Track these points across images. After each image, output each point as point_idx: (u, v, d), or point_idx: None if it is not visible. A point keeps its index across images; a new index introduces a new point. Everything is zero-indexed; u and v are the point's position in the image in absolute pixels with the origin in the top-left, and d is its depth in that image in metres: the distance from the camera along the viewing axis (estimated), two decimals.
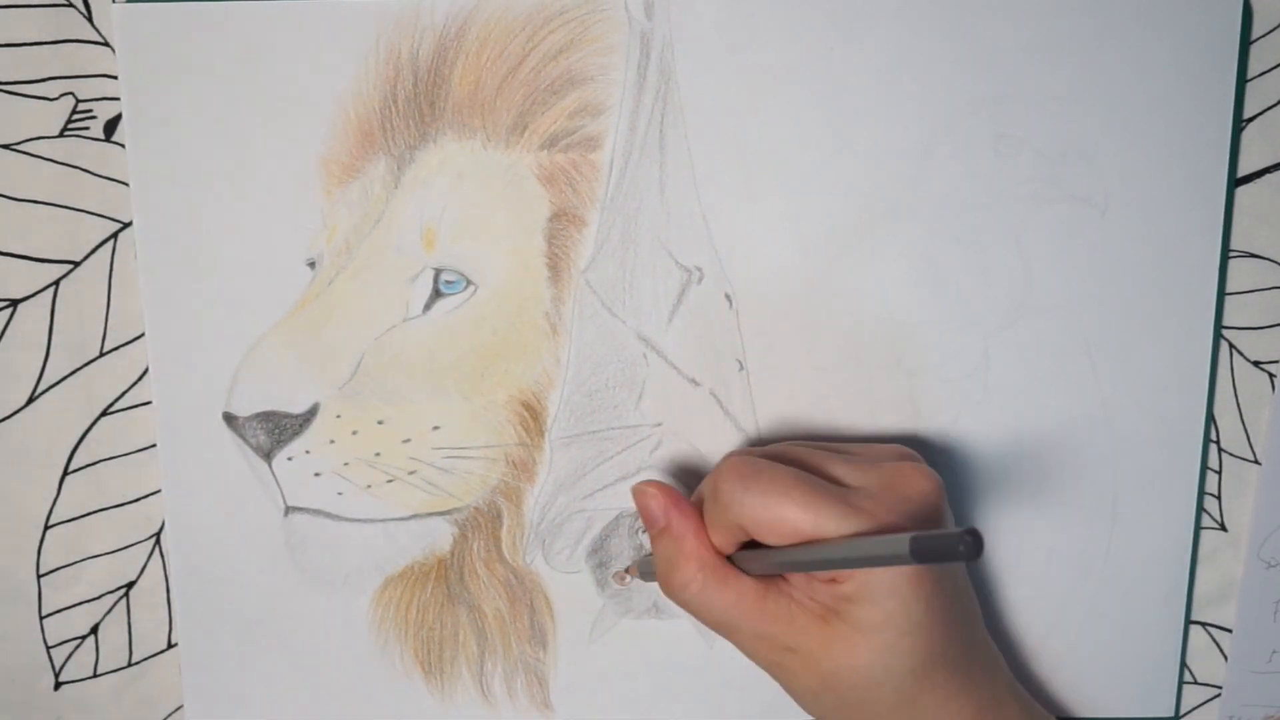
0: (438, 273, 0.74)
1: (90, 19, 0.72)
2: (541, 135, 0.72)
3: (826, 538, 0.61)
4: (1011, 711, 0.70)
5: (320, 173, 0.73)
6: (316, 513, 0.77)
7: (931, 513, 0.65)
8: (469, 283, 0.74)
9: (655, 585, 0.76)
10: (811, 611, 0.64)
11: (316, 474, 0.76)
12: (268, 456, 0.76)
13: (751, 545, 0.66)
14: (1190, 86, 0.72)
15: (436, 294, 0.74)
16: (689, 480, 0.77)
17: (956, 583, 0.68)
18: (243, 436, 0.76)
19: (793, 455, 0.68)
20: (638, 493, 0.69)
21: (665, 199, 0.73)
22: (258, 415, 0.75)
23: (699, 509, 0.68)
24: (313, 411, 0.75)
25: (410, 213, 0.73)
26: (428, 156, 0.73)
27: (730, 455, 0.67)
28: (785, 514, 0.62)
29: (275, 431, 0.75)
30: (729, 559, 0.67)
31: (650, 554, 0.72)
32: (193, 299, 0.74)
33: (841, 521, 0.61)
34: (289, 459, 0.76)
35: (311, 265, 0.74)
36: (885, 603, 0.62)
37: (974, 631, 0.70)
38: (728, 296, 0.74)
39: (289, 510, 0.77)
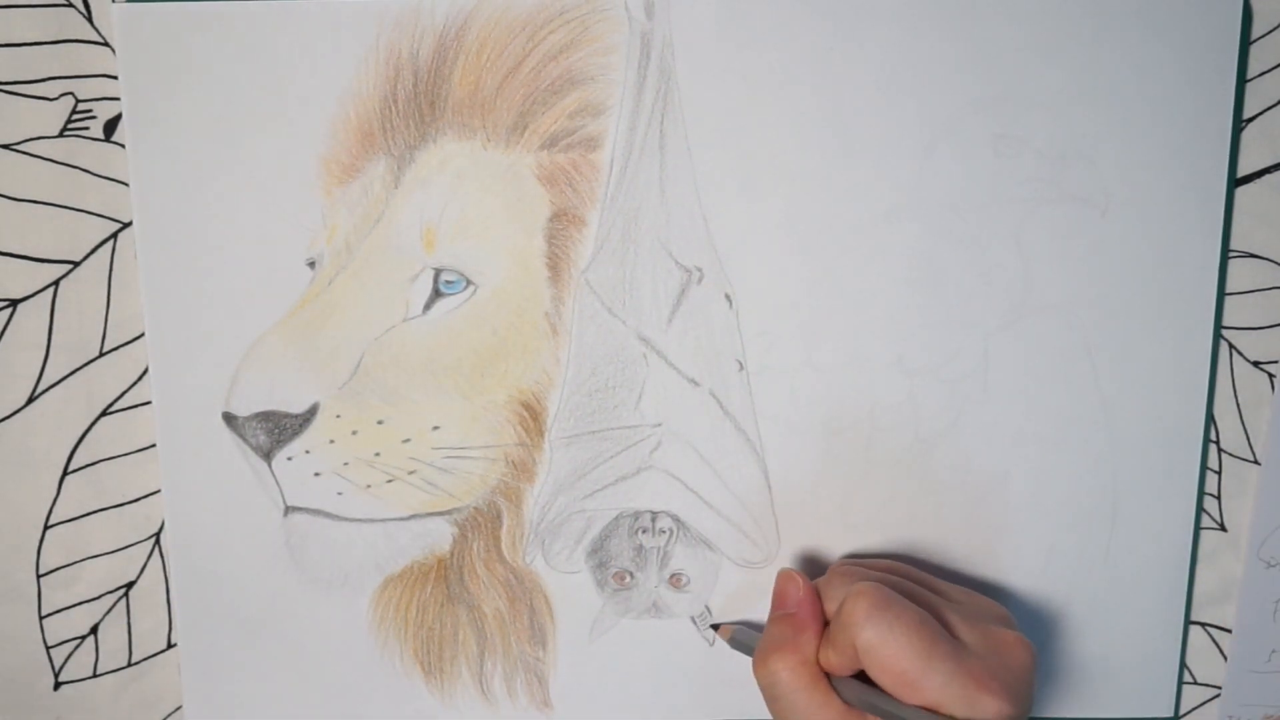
0: (438, 273, 0.74)
1: (90, 19, 0.72)
2: (541, 135, 0.72)
3: (924, 687, 0.62)
4: None
5: (320, 172, 0.73)
6: (316, 512, 0.77)
7: (1027, 685, 0.66)
8: (469, 283, 0.74)
9: (652, 585, 0.77)
10: None
11: (316, 474, 0.76)
12: (267, 456, 0.76)
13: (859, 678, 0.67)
14: (1190, 87, 0.73)
15: (436, 294, 0.74)
16: (695, 482, 0.77)
17: None
18: (242, 436, 0.76)
19: (910, 593, 0.69)
20: (784, 575, 0.71)
21: (665, 199, 0.73)
22: (257, 415, 0.75)
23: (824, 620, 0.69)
24: (312, 411, 0.75)
25: (410, 213, 0.73)
26: (428, 156, 0.73)
27: (863, 581, 0.67)
28: (900, 653, 0.63)
29: (275, 431, 0.75)
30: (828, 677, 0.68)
31: (748, 623, 0.73)
32: (193, 299, 0.74)
33: (949, 679, 0.62)
34: (289, 459, 0.76)
35: (311, 265, 0.74)
36: None
37: None
38: (728, 296, 0.74)
39: (289, 510, 0.77)
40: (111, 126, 0.74)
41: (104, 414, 0.77)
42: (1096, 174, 0.73)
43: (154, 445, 0.77)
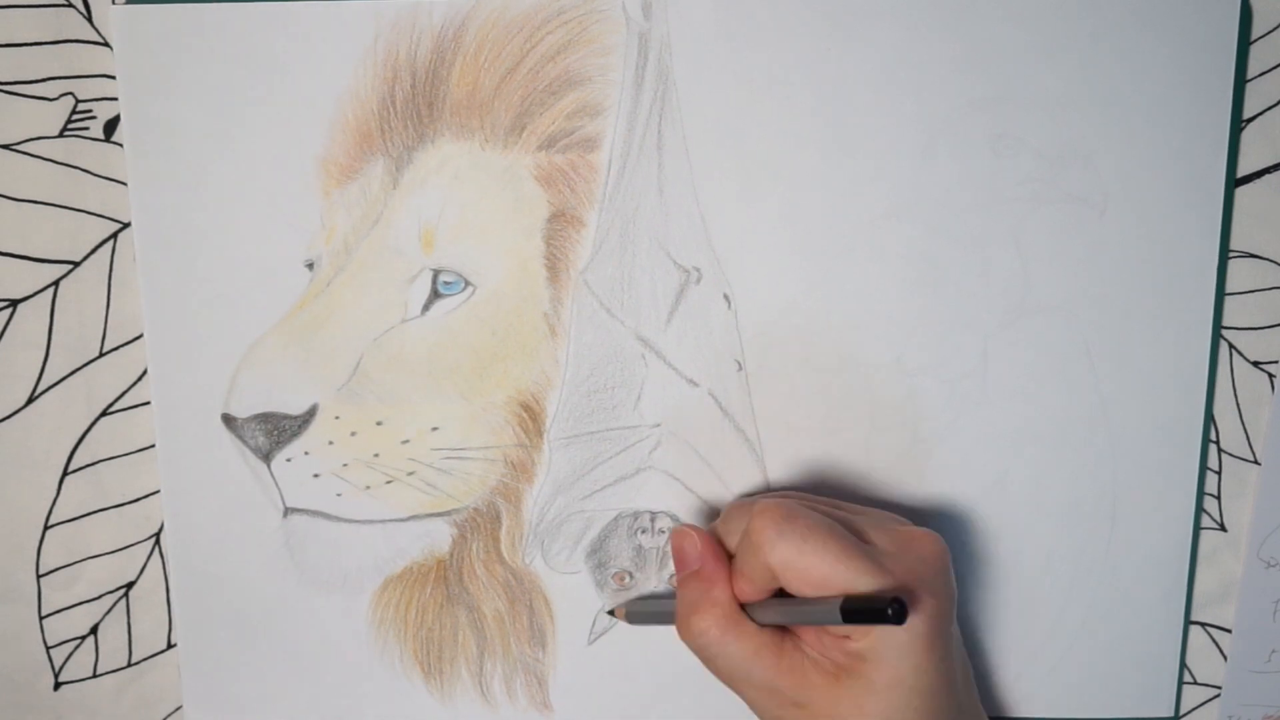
0: (436, 273, 0.74)
1: (90, 19, 0.72)
2: (539, 136, 0.72)
3: (845, 589, 0.62)
4: None
5: (319, 174, 0.73)
6: (315, 514, 0.77)
7: (942, 573, 0.66)
8: (467, 283, 0.74)
9: (652, 585, 0.77)
10: (823, 668, 0.65)
11: (315, 475, 0.76)
12: (266, 458, 0.76)
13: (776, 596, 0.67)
14: (1189, 86, 0.72)
15: (435, 295, 0.74)
16: (694, 483, 0.77)
17: (959, 648, 0.71)
18: (241, 438, 0.76)
19: (818, 508, 0.69)
20: (678, 533, 0.70)
21: (663, 199, 0.73)
22: (256, 416, 0.75)
23: (729, 559, 0.69)
24: (311, 413, 0.75)
25: (408, 214, 0.73)
26: (426, 157, 0.73)
27: (766, 499, 0.68)
28: (818, 562, 0.63)
29: (274, 433, 0.75)
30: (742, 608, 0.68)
31: (640, 596, 0.74)
32: (191, 300, 0.75)
33: (870, 578, 0.62)
34: (288, 460, 0.76)
35: (310, 266, 0.74)
36: (898, 663, 0.63)
37: (971, 696, 0.71)
38: (726, 297, 0.74)
39: (288, 511, 0.77)
40: (111, 126, 0.74)
41: (104, 414, 0.77)
42: (1095, 174, 0.73)
43: (154, 445, 0.77)
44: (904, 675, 0.63)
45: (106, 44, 0.72)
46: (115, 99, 0.73)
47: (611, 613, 0.79)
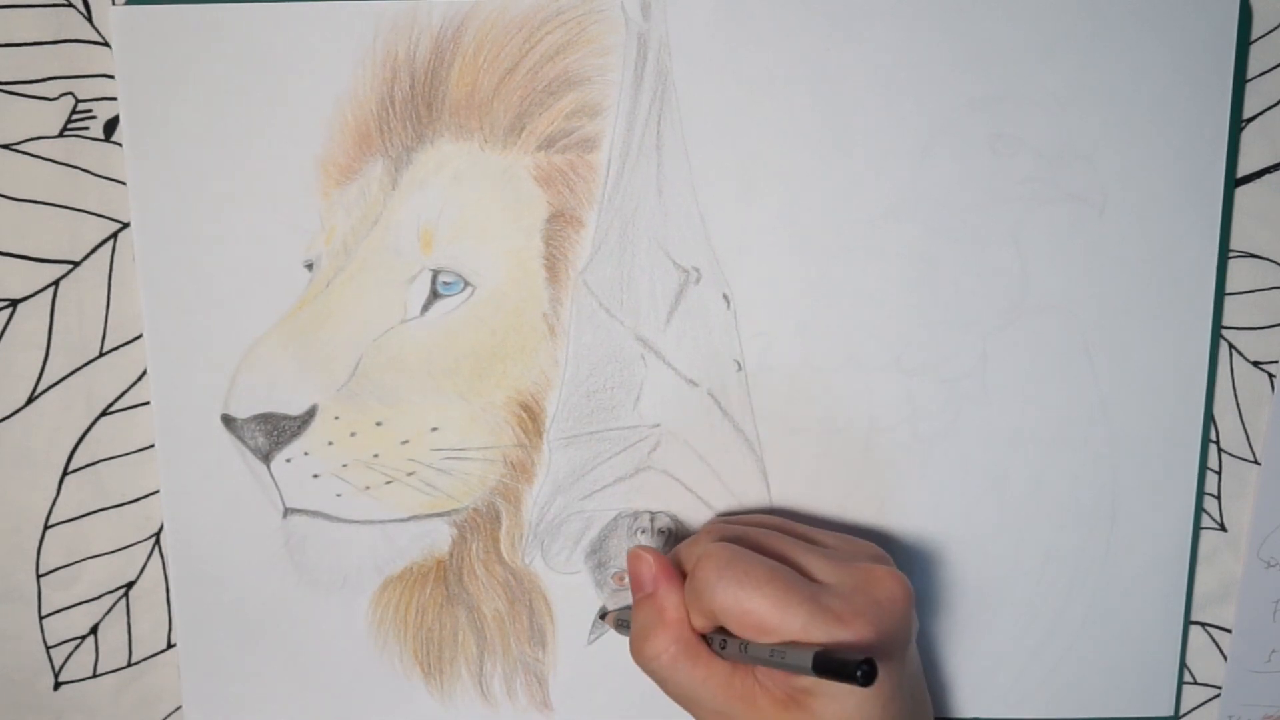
0: (435, 274, 0.74)
1: (90, 19, 0.72)
2: (539, 136, 0.72)
3: (785, 632, 0.63)
4: None
5: (318, 174, 0.73)
6: (315, 514, 0.77)
7: (899, 618, 0.66)
8: (467, 284, 0.74)
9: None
10: (774, 695, 0.65)
11: (315, 475, 0.76)
12: (266, 458, 0.76)
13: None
14: (1188, 85, 0.72)
15: (434, 295, 0.74)
16: (694, 483, 0.77)
17: (915, 682, 0.70)
18: (241, 438, 0.76)
19: (770, 546, 0.69)
20: (633, 556, 0.70)
21: (663, 199, 0.73)
22: (256, 417, 0.75)
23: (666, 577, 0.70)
24: (311, 413, 0.75)
25: (408, 214, 0.73)
26: (425, 158, 0.73)
27: (712, 543, 0.68)
28: (755, 608, 0.63)
29: (273, 433, 0.75)
30: (702, 637, 0.68)
31: (629, 607, 0.73)
32: (191, 301, 0.75)
33: (808, 621, 0.62)
34: (287, 461, 0.76)
35: (309, 267, 0.74)
36: (844, 700, 0.64)
37: None
38: (725, 297, 0.74)
39: (288, 512, 0.77)
40: (111, 126, 0.74)
41: (104, 414, 0.77)
42: (1094, 173, 0.73)
43: (154, 445, 0.77)
44: (850, 713, 0.64)
45: (106, 44, 0.72)
46: (115, 99, 0.73)
47: (603, 616, 0.79)
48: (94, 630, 0.80)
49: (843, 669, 0.58)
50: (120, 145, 0.74)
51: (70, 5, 0.72)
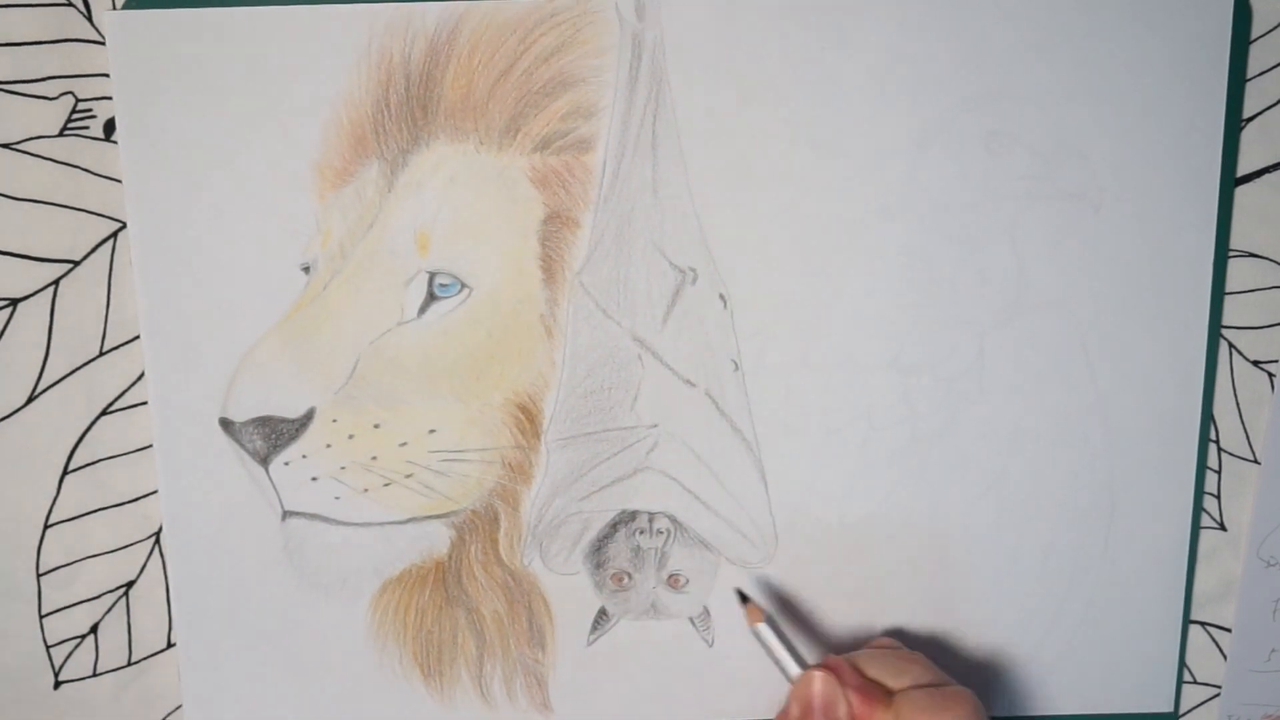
0: (432, 276, 0.74)
1: (90, 18, 0.72)
2: (534, 138, 0.72)
3: None
4: None
5: (314, 177, 0.73)
6: (314, 517, 0.77)
7: None
8: (463, 285, 0.74)
9: (650, 586, 0.78)
10: None
11: (313, 478, 0.76)
12: (264, 462, 0.76)
13: None
14: (1183, 83, 0.72)
15: (431, 297, 0.74)
16: (692, 483, 0.77)
17: None
18: (239, 442, 0.76)
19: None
20: (810, 677, 0.71)
21: (658, 200, 0.73)
22: (254, 420, 0.75)
23: (865, 693, 0.70)
24: (309, 416, 0.75)
25: (404, 216, 0.73)
26: (421, 160, 0.73)
27: (963, 689, 0.69)
28: None
29: (272, 436, 0.75)
30: None
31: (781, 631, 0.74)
32: (188, 305, 0.75)
33: None
34: (286, 464, 0.76)
35: (306, 270, 0.74)
36: None
37: None
38: (722, 297, 0.74)
39: (286, 514, 0.77)
40: (111, 126, 0.74)
41: (104, 414, 0.77)
42: (1090, 170, 0.73)
43: (153, 446, 0.78)
44: None
45: (106, 43, 0.72)
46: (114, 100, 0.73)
47: (745, 599, 0.78)
48: (94, 630, 0.80)
49: None
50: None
51: (70, 5, 0.72)
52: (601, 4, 0.71)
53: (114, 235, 0.75)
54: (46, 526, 0.78)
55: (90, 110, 0.73)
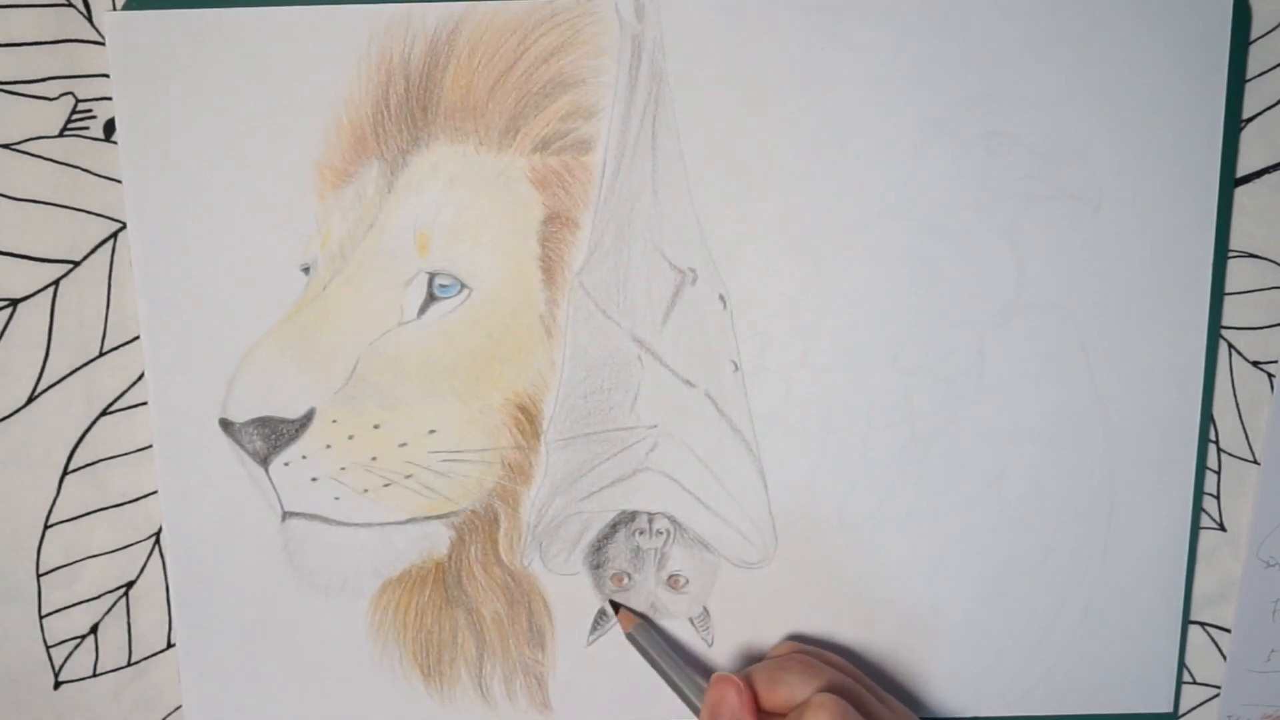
0: (432, 276, 0.74)
1: (90, 19, 0.72)
2: (534, 138, 0.72)
3: None
4: None
5: (313, 178, 0.73)
6: (314, 517, 0.77)
7: None
8: (463, 286, 0.74)
9: (650, 586, 0.78)
10: None
11: (313, 479, 0.76)
12: (264, 462, 0.76)
13: None
14: (1182, 82, 0.72)
15: (431, 298, 0.74)
16: (691, 483, 0.77)
17: None
18: (239, 442, 0.76)
19: (868, 710, 0.70)
20: (720, 682, 0.71)
21: (658, 200, 0.73)
22: (254, 421, 0.75)
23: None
24: (309, 416, 0.75)
25: (404, 217, 0.73)
26: (420, 161, 0.73)
27: (827, 693, 0.68)
28: None
29: (271, 437, 0.75)
30: None
31: (656, 626, 0.76)
32: (188, 305, 0.75)
33: None
34: (285, 464, 0.76)
35: (306, 270, 0.74)
36: None
37: None
38: (721, 297, 0.74)
39: (286, 515, 0.77)
40: (111, 126, 0.74)
41: (104, 414, 0.77)
42: (1089, 170, 0.73)
43: (153, 446, 0.78)
44: None
45: (106, 44, 0.72)
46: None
47: (616, 608, 0.79)
48: (94, 630, 0.80)
49: None
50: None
51: (70, 5, 0.72)
52: (601, 5, 0.71)
53: (114, 235, 0.75)
54: (46, 526, 0.78)
55: (90, 111, 0.73)
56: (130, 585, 0.80)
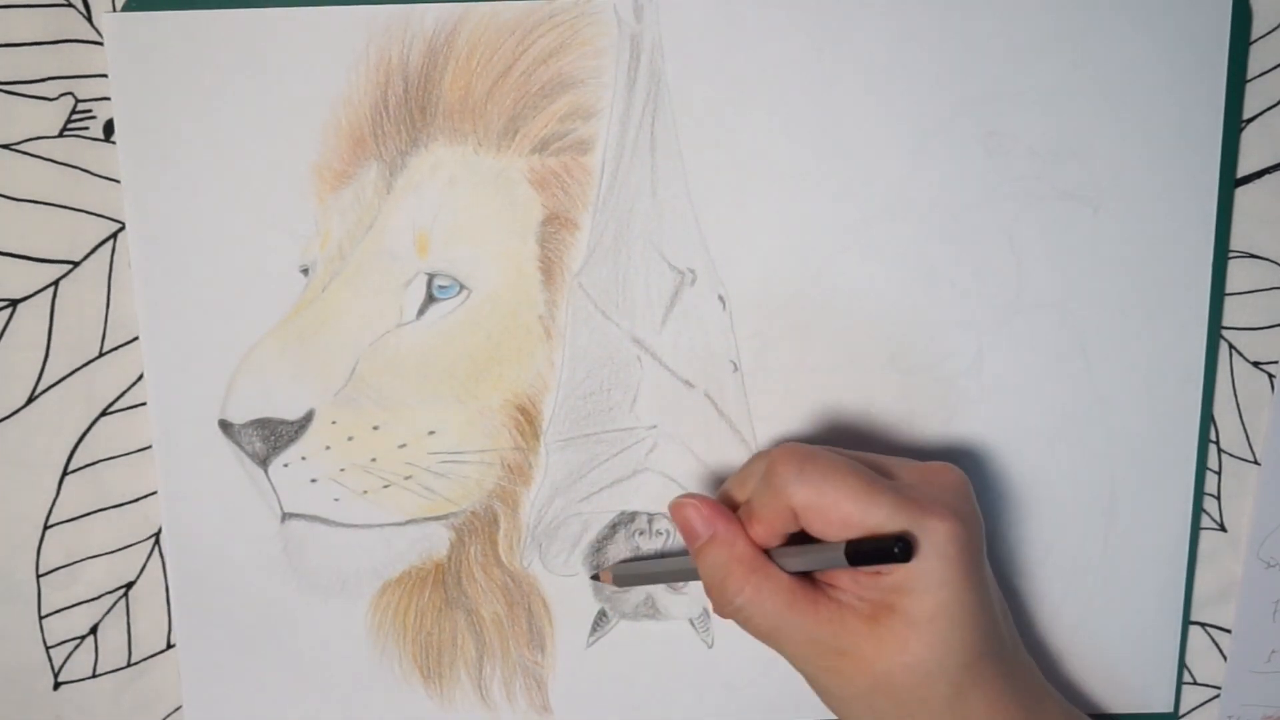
0: (431, 278, 0.74)
1: (90, 19, 0.72)
2: (533, 139, 0.72)
3: (870, 526, 0.62)
4: (1053, 708, 0.70)
5: (312, 179, 0.73)
6: (313, 519, 0.77)
7: (966, 500, 0.67)
8: (462, 287, 0.74)
9: (651, 586, 0.77)
10: (861, 612, 0.64)
11: (313, 480, 0.76)
12: (264, 463, 0.76)
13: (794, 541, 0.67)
14: (1182, 82, 0.72)
15: (430, 299, 0.74)
16: (691, 484, 0.77)
17: (993, 580, 0.70)
18: (239, 444, 0.76)
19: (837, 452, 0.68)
20: (677, 505, 0.70)
21: (657, 201, 0.73)
22: (253, 422, 0.75)
23: (718, 508, 0.69)
24: (308, 418, 0.75)
25: (403, 218, 0.73)
26: (419, 162, 0.72)
27: (784, 445, 0.66)
28: (838, 500, 0.62)
29: (271, 438, 0.75)
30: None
31: (625, 560, 0.75)
32: (187, 306, 0.75)
33: (892, 511, 0.62)
34: (285, 465, 0.76)
35: (305, 272, 0.74)
36: (937, 592, 0.62)
37: (1011, 628, 0.70)
38: (721, 298, 0.74)
39: (286, 516, 0.77)
40: (111, 127, 0.73)
41: (104, 414, 0.77)
42: (1089, 171, 0.73)
43: (153, 447, 0.78)
44: (944, 604, 0.62)
45: (105, 44, 0.72)
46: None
47: (596, 577, 0.79)
48: (94, 630, 0.80)
49: (878, 550, 0.60)
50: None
51: (70, 5, 0.72)
52: (599, 5, 0.71)
53: (113, 236, 0.75)
54: (46, 527, 0.78)
55: (90, 111, 0.73)
56: (130, 586, 0.80)
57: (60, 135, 0.73)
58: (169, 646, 0.81)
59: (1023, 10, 0.71)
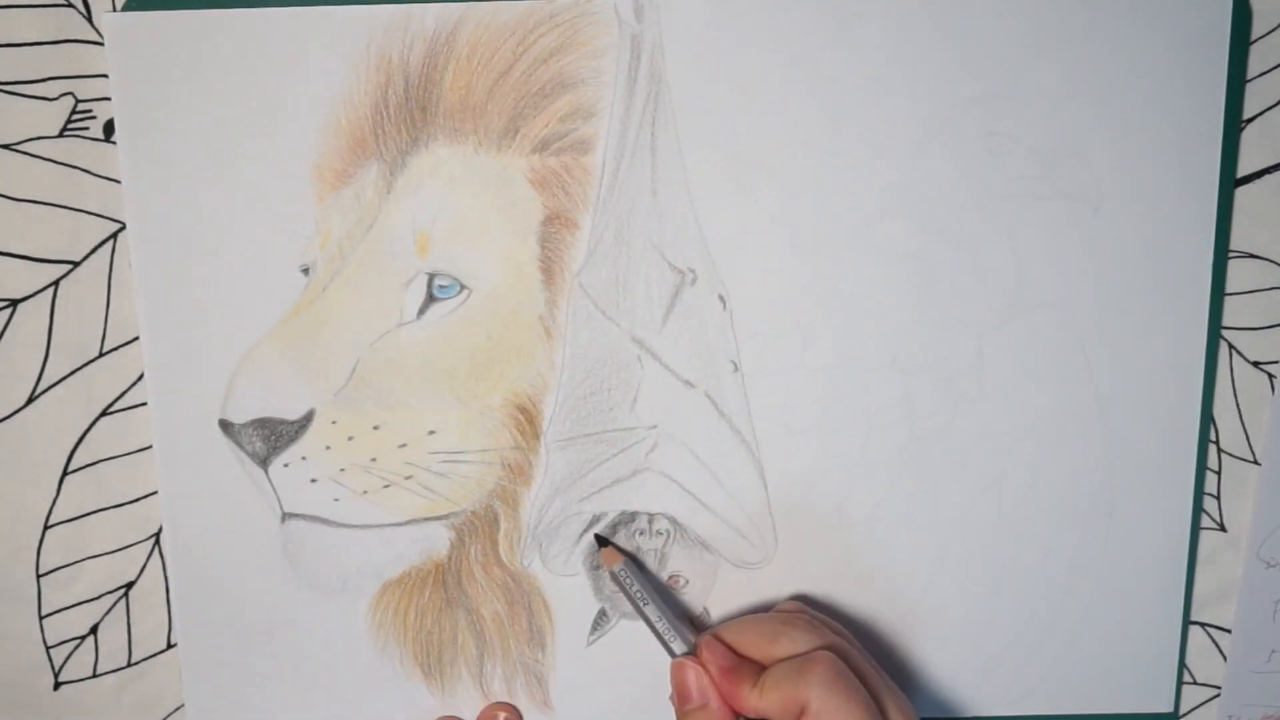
0: (431, 277, 0.74)
1: (90, 19, 0.72)
2: (533, 139, 0.72)
3: None
4: None
5: (313, 179, 0.73)
6: (313, 519, 0.77)
7: None
8: (463, 287, 0.74)
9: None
10: None
11: (313, 480, 0.76)
12: (264, 463, 0.76)
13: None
14: (1182, 83, 0.72)
15: (430, 299, 0.74)
16: (691, 484, 0.77)
17: None
18: (239, 443, 0.76)
19: (862, 674, 0.70)
20: (678, 666, 0.73)
21: (658, 201, 0.73)
22: (253, 422, 0.75)
23: (731, 676, 0.71)
24: (308, 418, 0.75)
25: (403, 218, 0.73)
26: (420, 162, 0.72)
27: (828, 651, 0.69)
28: None
29: (271, 438, 0.75)
30: None
31: (643, 567, 0.76)
32: (187, 306, 0.75)
33: None
34: (285, 465, 0.76)
35: (305, 271, 0.74)
36: None
37: None
38: (721, 298, 0.74)
39: (286, 516, 0.77)
40: (111, 127, 0.73)
41: (103, 414, 0.77)
42: (1089, 171, 0.73)
43: (153, 447, 0.78)
44: None
45: (105, 44, 0.72)
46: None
47: (604, 542, 0.79)
48: (94, 630, 0.80)
49: None
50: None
51: (70, 5, 0.72)
52: (600, 5, 0.71)
53: (113, 236, 0.75)
54: (46, 527, 0.78)
55: (90, 111, 0.73)
56: (130, 586, 0.80)
57: (60, 135, 0.73)
58: (169, 646, 0.81)
59: (1023, 10, 0.71)
